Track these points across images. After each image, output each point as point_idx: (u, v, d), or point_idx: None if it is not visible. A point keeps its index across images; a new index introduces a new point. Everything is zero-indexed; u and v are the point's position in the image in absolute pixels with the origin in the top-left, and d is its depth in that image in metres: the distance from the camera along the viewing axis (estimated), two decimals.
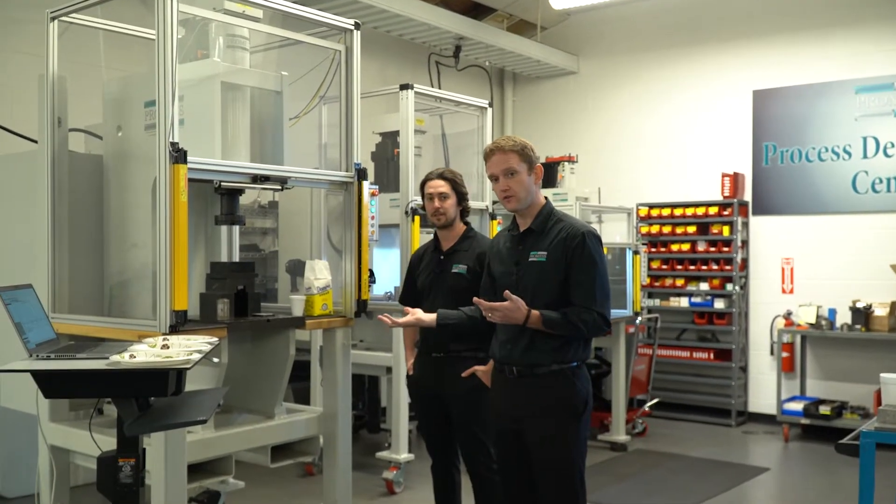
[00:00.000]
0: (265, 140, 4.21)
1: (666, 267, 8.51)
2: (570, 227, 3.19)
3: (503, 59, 9.09)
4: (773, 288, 8.15)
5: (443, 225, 4.09)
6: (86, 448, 3.63)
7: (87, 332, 3.75)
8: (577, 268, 3.12)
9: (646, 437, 7.53)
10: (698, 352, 8.35)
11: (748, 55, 8.35)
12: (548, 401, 3.13)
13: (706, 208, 8.28)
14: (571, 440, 3.14)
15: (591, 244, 3.14)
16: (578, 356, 3.19)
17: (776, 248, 8.14)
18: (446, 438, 4.09)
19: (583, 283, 3.12)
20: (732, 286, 8.12)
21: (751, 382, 8.28)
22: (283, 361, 4.06)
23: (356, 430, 6.44)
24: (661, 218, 8.55)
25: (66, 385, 2.62)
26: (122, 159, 4.03)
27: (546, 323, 3.09)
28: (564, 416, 3.13)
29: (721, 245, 8.20)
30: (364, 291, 4.26)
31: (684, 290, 8.39)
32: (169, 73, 3.40)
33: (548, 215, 3.25)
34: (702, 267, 8.32)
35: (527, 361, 3.16)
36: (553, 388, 3.14)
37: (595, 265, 3.13)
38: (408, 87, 5.52)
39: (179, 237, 3.41)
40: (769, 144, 8.18)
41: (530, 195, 3.23)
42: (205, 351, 2.75)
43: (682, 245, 8.43)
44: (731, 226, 8.15)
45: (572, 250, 3.13)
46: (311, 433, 4.21)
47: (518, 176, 3.19)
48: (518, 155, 3.19)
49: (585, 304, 3.10)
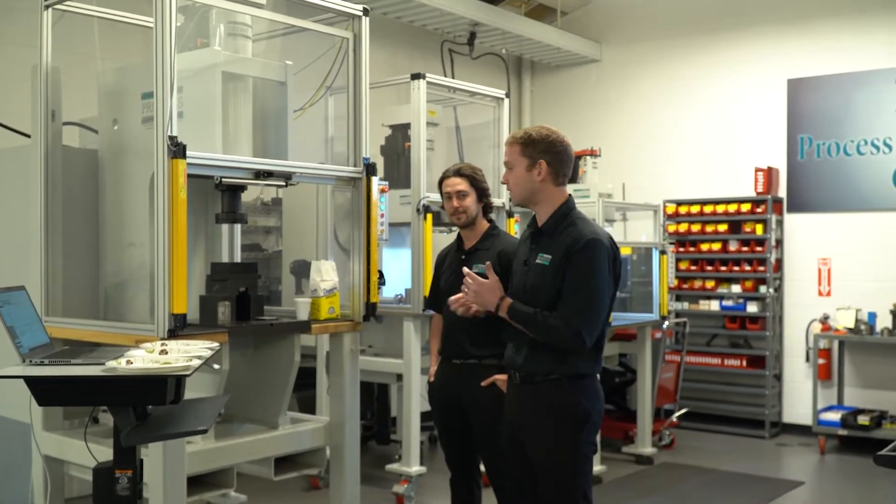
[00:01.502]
0: (268, 133, 4.23)
1: (695, 268, 8.48)
2: (578, 231, 3.13)
3: (521, 46, 9.09)
4: (809, 290, 8.11)
5: (464, 224, 4.10)
6: (81, 458, 3.66)
7: (82, 337, 3.78)
8: (569, 276, 3.08)
9: (673, 450, 7.51)
10: (729, 358, 8.32)
11: (782, 41, 8.31)
12: (546, 411, 3.13)
13: (738, 205, 8.25)
14: (571, 453, 3.11)
15: (592, 253, 3.07)
16: (582, 367, 3.14)
17: (812, 247, 8.10)
18: (467, 450, 4.10)
19: (568, 294, 3.07)
20: (766, 288, 8.09)
21: (785, 391, 8.24)
22: (287, 368, 4.07)
23: (364, 441, 6.46)
24: (689, 216, 8.52)
25: (60, 392, 2.64)
26: (119, 154, 4.05)
27: (512, 313, 3.12)
28: (562, 427, 3.11)
29: (754, 244, 8.17)
30: (373, 294, 4.27)
31: (714, 292, 8.36)
32: (167, 62, 3.41)
33: (562, 216, 3.21)
34: (733, 268, 8.29)
35: (528, 368, 3.17)
36: (551, 398, 3.12)
37: (588, 278, 3.06)
38: (419, 76, 5.52)
39: (178, 236, 3.43)
40: (805, 137, 8.14)
41: (527, 191, 3.21)
42: (205, 357, 2.77)
43: (713, 244, 8.40)
44: (764, 224, 8.12)
45: (570, 256, 3.08)
46: (317, 444, 4.22)
47: (515, 171, 3.21)
48: (520, 147, 3.19)
49: (562, 313, 3.06)
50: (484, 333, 3.85)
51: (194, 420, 2.79)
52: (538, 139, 3.18)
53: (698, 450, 7.53)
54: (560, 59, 9.52)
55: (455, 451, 4.14)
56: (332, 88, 4.77)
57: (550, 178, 3.20)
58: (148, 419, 2.73)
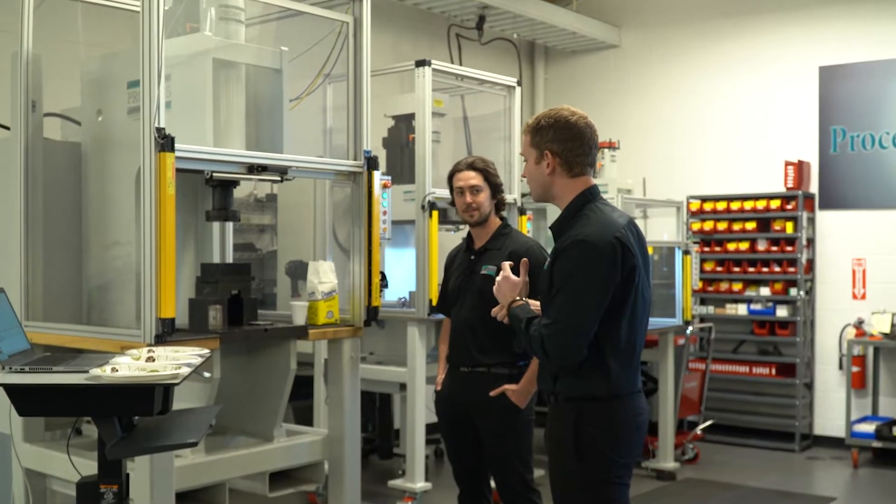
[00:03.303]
0: (262, 125, 4.24)
1: (721, 269, 8.47)
2: (578, 230, 2.91)
3: (533, 30, 9.08)
4: (842, 293, 8.08)
5: (476, 222, 4.08)
6: (64, 472, 3.68)
7: (64, 343, 3.80)
8: (552, 281, 2.91)
9: (697, 465, 7.50)
10: (758, 366, 8.31)
11: (814, 26, 8.29)
12: (551, 439, 3.02)
13: (767, 202, 8.23)
14: (577, 488, 2.95)
15: (576, 254, 2.86)
16: (594, 389, 2.93)
17: (846, 247, 8.08)
18: (476, 465, 4.09)
19: (546, 302, 2.93)
20: (796, 291, 8.07)
21: (816, 401, 8.22)
22: (282, 377, 4.08)
23: (366, 455, 6.46)
24: (715, 213, 8.51)
25: (41, 402, 2.66)
26: (103, 147, 4.07)
27: (511, 316, 2.99)
28: (563, 457, 2.96)
29: (784, 244, 8.16)
30: (375, 297, 4.28)
31: (742, 295, 8.35)
32: (154, 49, 3.43)
33: (572, 213, 2.99)
34: (762, 269, 8.28)
35: (548, 389, 3.05)
36: (553, 425, 3.02)
37: (567, 280, 2.85)
38: (424, 63, 5.53)
39: (166, 235, 3.44)
40: (838, 129, 8.12)
41: (540, 187, 3.04)
42: (195, 364, 2.78)
43: (740, 244, 8.38)
44: (795, 222, 8.10)
45: (555, 259, 2.92)
46: (315, 458, 4.23)
47: (527, 164, 3.08)
48: (529, 136, 3.04)
49: (540, 322, 2.90)
50: (494, 340, 3.85)
51: (183, 432, 2.80)
52: (545, 126, 2.99)
53: (724, 464, 7.52)
54: (576, 44, 9.51)
55: (463, 465, 4.14)
56: (330, 76, 4.78)
57: (561, 169, 2.98)
58: (134, 431, 2.74)
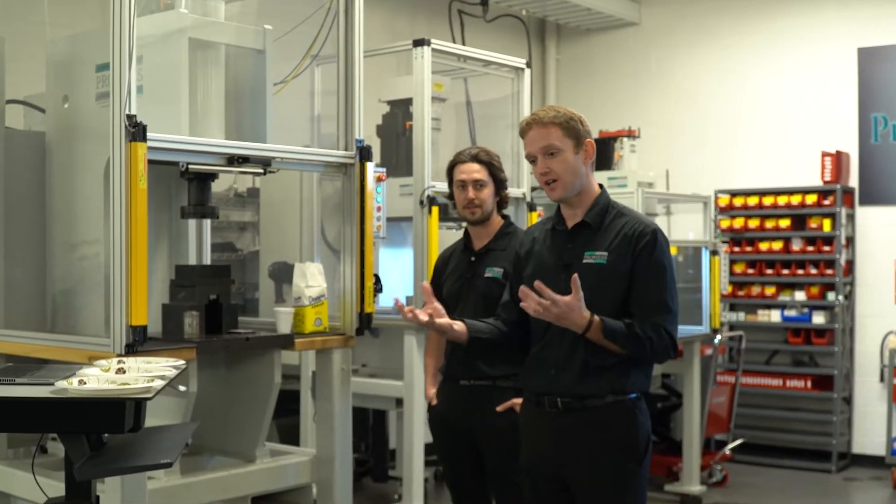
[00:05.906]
0: (244, 111, 4.25)
1: (752, 271, 8.47)
2: (637, 221, 3.23)
3: (544, 6, 9.09)
4: (884, 297, 8.08)
5: (477, 220, 4.10)
6: (29, 493, 3.69)
7: (27, 352, 3.81)
8: (644, 273, 3.15)
9: (725, 488, 7.51)
10: (792, 379, 8.31)
11: (852, 4, 8.30)
12: (605, 441, 3.14)
13: (802, 196, 8.24)
14: (633, 490, 3.16)
15: (662, 246, 3.20)
16: (639, 385, 3.21)
17: (889, 246, 8.08)
18: (477, 488, 4.10)
19: (650, 293, 3.15)
20: (835, 295, 8.08)
21: (856, 417, 8.24)
22: (266, 391, 4.09)
23: (358, 477, 6.47)
24: (745, 209, 8.51)
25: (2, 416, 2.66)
26: (69, 137, 4.08)
27: (607, 332, 3.08)
28: (625, 459, 3.14)
29: (821, 243, 8.16)
30: (368, 302, 4.28)
31: (775, 300, 8.36)
32: (125, 28, 3.43)
33: (605, 207, 3.27)
34: (797, 271, 8.28)
35: (580, 391, 3.16)
36: (610, 426, 3.15)
37: (665, 272, 3.18)
38: (423, 42, 5.53)
39: (138, 233, 3.45)
40: (879, 116, 8.13)
41: (578, 179, 3.21)
42: (169, 377, 2.79)
43: (773, 243, 8.39)
44: (833, 218, 8.11)
45: (639, 251, 3.16)
46: (302, 481, 4.24)
47: (561, 155, 3.17)
48: (561, 129, 3.17)
49: (651, 317, 3.12)
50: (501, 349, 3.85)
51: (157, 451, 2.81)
52: (573, 118, 3.20)
53: (754, 487, 7.54)
54: (591, 21, 9.51)
55: (463, 490, 4.15)
56: (319, 57, 4.79)
57: (589, 161, 3.26)
58: (103, 449, 2.75)
